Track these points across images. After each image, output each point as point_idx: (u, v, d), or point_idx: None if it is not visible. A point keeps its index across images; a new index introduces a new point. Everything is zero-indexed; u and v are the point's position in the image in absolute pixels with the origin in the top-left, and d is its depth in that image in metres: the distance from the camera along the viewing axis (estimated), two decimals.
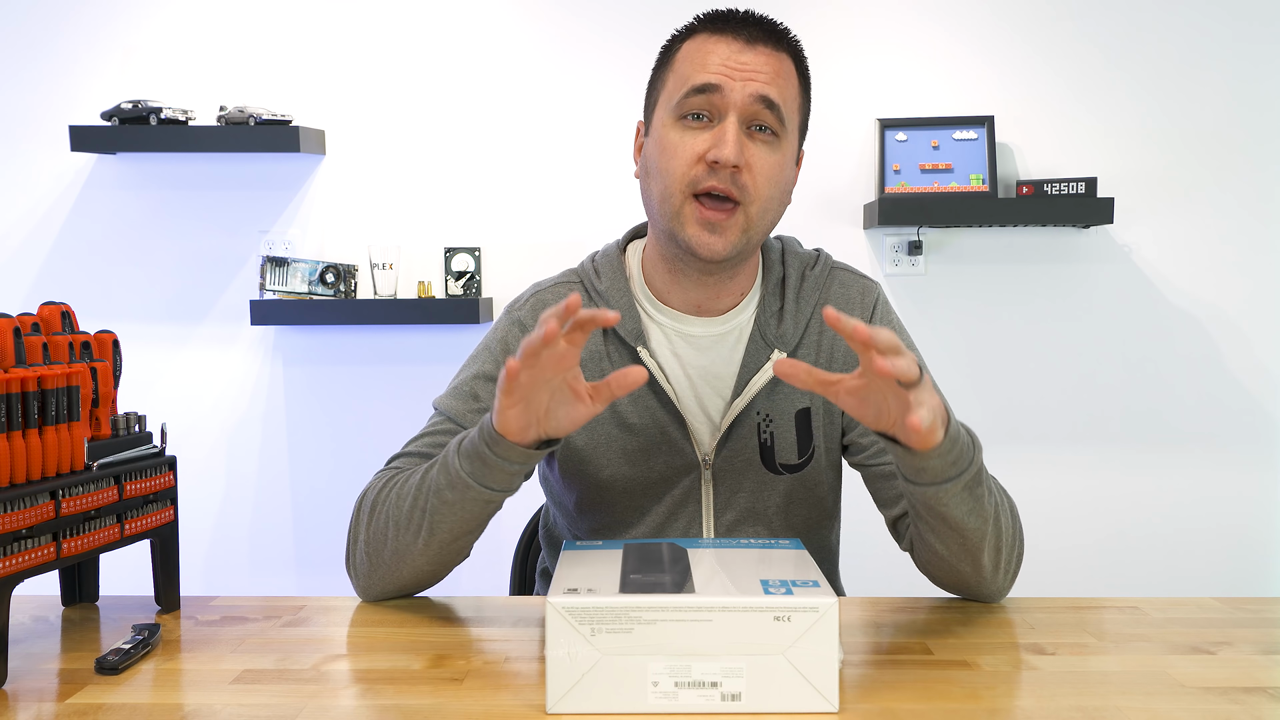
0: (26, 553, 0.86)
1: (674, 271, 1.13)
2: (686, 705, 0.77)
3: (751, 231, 1.06)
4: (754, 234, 1.07)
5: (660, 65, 1.13)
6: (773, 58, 1.06)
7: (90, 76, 2.38)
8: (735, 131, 1.03)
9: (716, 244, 1.05)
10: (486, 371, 1.15)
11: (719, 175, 1.03)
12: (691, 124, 1.05)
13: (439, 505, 0.97)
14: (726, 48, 1.05)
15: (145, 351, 2.41)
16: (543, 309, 1.17)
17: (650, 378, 1.13)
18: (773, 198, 1.07)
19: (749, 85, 1.04)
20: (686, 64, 1.07)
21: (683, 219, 1.06)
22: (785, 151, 1.07)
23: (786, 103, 1.06)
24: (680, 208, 1.06)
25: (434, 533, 0.98)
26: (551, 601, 0.77)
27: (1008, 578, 1.03)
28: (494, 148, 2.37)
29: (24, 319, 0.93)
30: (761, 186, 1.05)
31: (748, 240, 1.07)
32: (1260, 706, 0.79)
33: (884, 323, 1.18)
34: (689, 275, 1.12)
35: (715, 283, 1.13)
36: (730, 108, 1.04)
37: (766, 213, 1.07)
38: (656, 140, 1.08)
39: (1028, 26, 2.32)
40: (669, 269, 1.14)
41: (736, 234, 1.05)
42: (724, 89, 1.03)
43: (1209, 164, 2.33)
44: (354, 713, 0.79)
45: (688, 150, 1.05)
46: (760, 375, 1.13)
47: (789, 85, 1.07)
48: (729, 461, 1.15)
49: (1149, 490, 2.39)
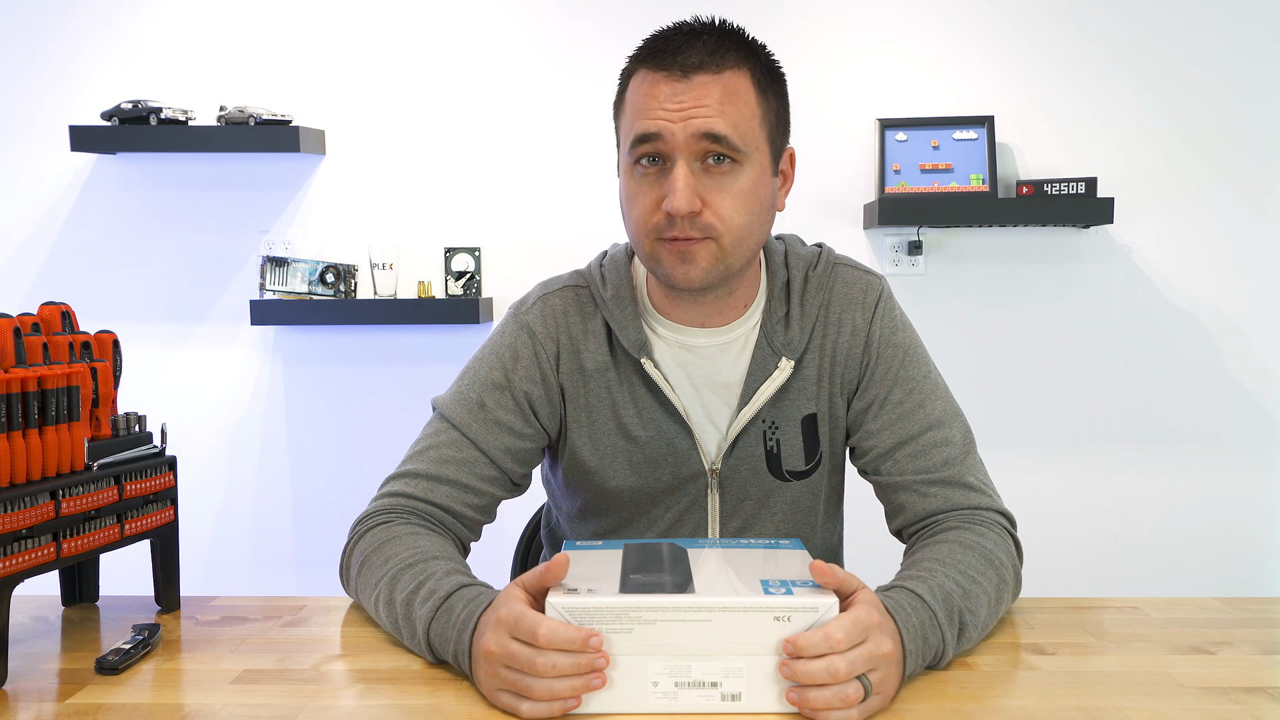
0: (26, 553, 0.86)
1: (670, 295, 1.13)
2: (686, 705, 0.77)
3: (730, 259, 1.04)
4: (733, 260, 1.04)
5: (617, 97, 1.09)
6: (713, 83, 1.00)
7: (90, 76, 2.38)
8: (684, 179, 0.99)
9: (692, 272, 1.03)
10: (494, 379, 1.13)
11: (677, 225, 1.01)
12: (647, 169, 1.03)
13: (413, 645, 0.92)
14: (665, 87, 1.01)
15: (145, 351, 2.41)
16: (551, 314, 1.15)
17: (656, 388, 1.12)
18: (745, 224, 1.03)
19: (690, 125, 0.99)
20: (631, 108, 1.04)
21: (657, 258, 1.05)
22: (751, 172, 1.03)
23: (738, 126, 1.01)
24: (651, 250, 1.05)
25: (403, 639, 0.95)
26: (552, 601, 0.77)
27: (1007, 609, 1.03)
28: (494, 148, 2.37)
29: (24, 319, 0.93)
30: (728, 217, 1.02)
31: (726, 267, 1.04)
32: (1260, 706, 0.79)
33: (884, 324, 1.14)
34: (685, 298, 1.11)
35: (713, 301, 1.11)
36: (676, 151, 1.00)
37: (743, 239, 1.04)
38: (622, 184, 1.07)
39: (1028, 26, 2.32)
40: (665, 293, 1.13)
41: (710, 260, 1.03)
42: (664, 135, 1.00)
43: (1209, 163, 2.33)
44: (354, 713, 0.79)
45: (646, 200, 1.03)
46: (769, 384, 1.11)
47: (739, 105, 1.01)
48: (735, 470, 1.14)
49: (1149, 490, 2.39)
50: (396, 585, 0.94)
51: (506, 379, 1.12)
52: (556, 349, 1.14)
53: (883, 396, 1.12)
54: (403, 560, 0.96)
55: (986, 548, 0.98)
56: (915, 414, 1.10)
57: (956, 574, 0.93)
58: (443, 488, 1.07)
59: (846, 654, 0.76)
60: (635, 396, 1.13)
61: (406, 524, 1.03)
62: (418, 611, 0.90)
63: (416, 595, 0.91)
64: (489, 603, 0.86)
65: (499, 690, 0.79)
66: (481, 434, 1.10)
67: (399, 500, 1.07)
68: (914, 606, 0.86)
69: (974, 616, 0.91)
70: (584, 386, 1.14)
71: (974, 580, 0.93)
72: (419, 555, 0.97)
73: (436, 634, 0.87)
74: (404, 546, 0.98)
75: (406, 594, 0.92)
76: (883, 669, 0.78)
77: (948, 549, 0.97)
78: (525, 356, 1.13)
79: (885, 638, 0.79)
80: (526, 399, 1.12)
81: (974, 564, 0.95)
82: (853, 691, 0.76)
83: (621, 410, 1.13)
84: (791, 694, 0.76)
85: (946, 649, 0.87)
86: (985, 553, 0.98)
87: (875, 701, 0.78)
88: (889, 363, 1.13)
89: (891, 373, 1.13)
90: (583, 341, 1.14)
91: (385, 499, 1.07)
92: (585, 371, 1.14)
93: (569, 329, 1.14)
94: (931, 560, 0.95)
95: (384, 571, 0.96)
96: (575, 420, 1.15)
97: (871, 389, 1.13)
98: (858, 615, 0.78)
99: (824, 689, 0.76)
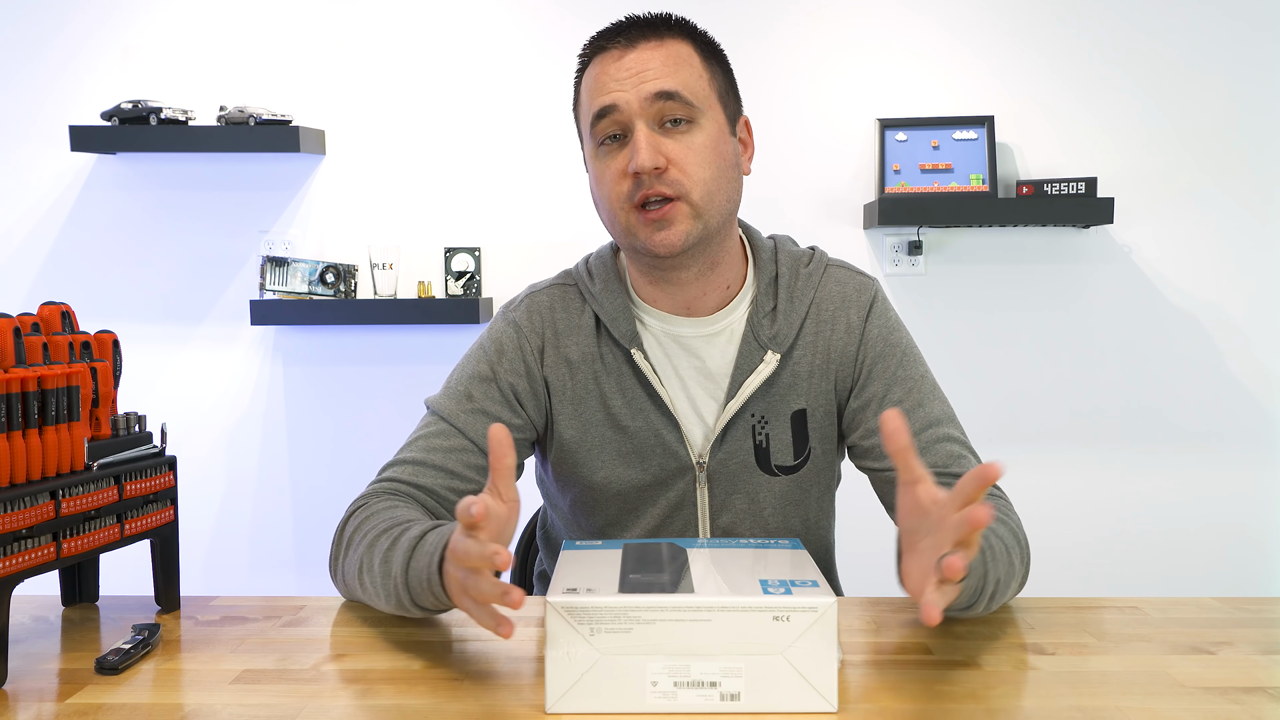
0: (26, 553, 0.86)
1: (654, 281, 1.14)
2: (685, 705, 0.77)
3: (706, 216, 1.06)
4: (709, 217, 1.07)
5: (574, 103, 1.16)
6: (658, 48, 1.06)
7: (90, 76, 2.38)
8: (644, 137, 1.04)
9: (671, 237, 1.05)
10: (481, 372, 1.15)
11: (644, 183, 1.05)
12: (610, 146, 1.08)
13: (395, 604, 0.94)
14: (612, 62, 1.07)
15: (145, 351, 2.41)
16: (537, 310, 1.17)
17: (644, 380, 1.13)
18: (713, 178, 1.06)
19: (642, 89, 1.04)
20: (586, 93, 1.10)
21: (633, 229, 1.07)
22: (709, 129, 1.07)
23: (688, 84, 1.06)
24: (626, 222, 1.07)
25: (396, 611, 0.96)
26: (551, 601, 0.77)
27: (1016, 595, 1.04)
28: (494, 148, 2.37)
29: (24, 319, 0.93)
30: (693, 171, 1.05)
31: (704, 226, 1.07)
32: (1260, 706, 0.79)
33: (880, 323, 1.16)
34: (668, 280, 1.13)
35: (694, 278, 1.12)
36: (633, 117, 1.05)
37: (713, 194, 1.07)
38: (591, 173, 1.12)
39: (1028, 26, 2.32)
40: (648, 279, 1.14)
41: (687, 221, 1.06)
42: (620, 105, 1.05)
43: (1209, 164, 2.33)
44: (354, 713, 0.79)
45: (612, 171, 1.07)
46: (754, 376, 1.12)
47: (685, 66, 1.07)
48: (723, 464, 1.15)
49: (1149, 490, 2.39)
50: (375, 548, 0.96)
51: (492, 371, 1.15)
52: (541, 343, 1.16)
53: (881, 395, 1.13)
54: (379, 528, 0.98)
55: (1013, 525, 1.01)
56: (915, 413, 1.11)
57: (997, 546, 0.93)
58: (429, 472, 1.09)
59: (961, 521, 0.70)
60: (624, 387, 1.14)
61: (385, 500, 1.05)
62: (396, 561, 0.91)
63: (394, 550, 0.93)
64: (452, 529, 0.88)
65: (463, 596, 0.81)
66: (468, 422, 1.12)
67: (383, 485, 1.09)
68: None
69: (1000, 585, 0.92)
70: (570, 379, 1.15)
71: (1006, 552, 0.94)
72: (394, 521, 0.98)
73: (414, 571, 0.89)
74: (383, 519, 1.00)
75: (384, 551, 0.94)
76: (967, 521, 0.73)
77: None
78: (510, 350, 1.15)
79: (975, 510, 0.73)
80: (512, 390, 1.14)
81: (1006, 540, 0.96)
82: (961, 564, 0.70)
83: (610, 400, 1.15)
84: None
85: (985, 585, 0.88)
86: (1013, 531, 1.00)
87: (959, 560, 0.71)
88: (887, 362, 1.14)
89: (890, 371, 1.13)
90: (568, 335, 1.16)
91: (371, 487, 1.09)
92: (571, 363, 1.15)
93: (554, 323, 1.16)
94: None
95: (364, 542, 0.98)
96: (561, 412, 1.16)
97: (869, 388, 1.13)
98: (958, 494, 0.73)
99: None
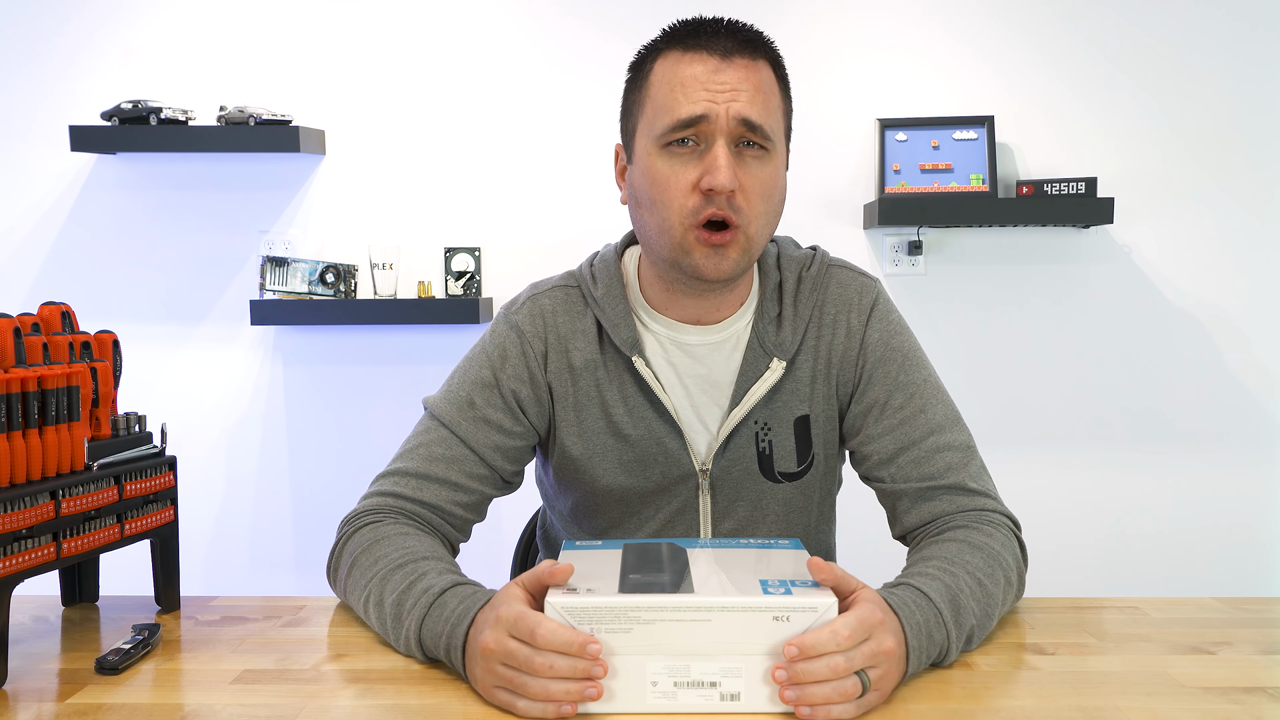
0: (26, 553, 0.86)
1: (671, 290, 1.12)
2: (686, 705, 0.77)
3: (752, 249, 1.05)
4: (754, 250, 1.06)
5: (633, 87, 1.09)
6: (751, 70, 1.03)
7: (90, 76, 2.38)
8: (727, 157, 1.00)
9: (724, 265, 1.04)
10: (483, 378, 1.13)
11: (716, 202, 1.01)
12: (678, 150, 1.03)
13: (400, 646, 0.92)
14: (702, 67, 1.02)
15: (145, 351, 2.41)
16: (540, 314, 1.15)
17: (646, 387, 1.12)
18: (768, 212, 1.05)
19: (733, 107, 1.00)
20: (663, 90, 1.03)
21: (687, 248, 1.04)
22: (775, 163, 1.05)
23: (769, 117, 1.03)
24: (682, 239, 1.04)
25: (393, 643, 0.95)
26: (551, 601, 0.77)
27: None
28: (494, 148, 2.37)
29: (24, 319, 0.93)
30: (756, 204, 1.03)
31: (749, 258, 1.06)
32: (1260, 706, 0.79)
33: (881, 327, 1.14)
34: (688, 294, 1.11)
35: (715, 296, 1.12)
36: (717, 133, 1.01)
37: (765, 228, 1.06)
38: (644, 170, 1.05)
39: (1028, 27, 2.32)
40: (665, 287, 1.13)
41: (738, 253, 1.04)
42: (710, 116, 1.00)
43: (1209, 164, 2.33)
44: (354, 713, 0.79)
45: (681, 181, 1.02)
46: (759, 384, 1.11)
47: (771, 97, 1.04)
48: (727, 471, 1.14)
49: (1149, 490, 2.39)
50: (387, 586, 0.94)
51: (495, 378, 1.13)
52: (544, 348, 1.14)
53: (882, 401, 1.11)
54: (393, 561, 0.96)
55: (994, 548, 0.98)
56: (916, 419, 1.10)
57: (964, 573, 0.93)
58: (432, 486, 1.08)
59: (848, 651, 0.76)
60: (625, 395, 1.13)
61: (396, 524, 1.03)
62: (409, 610, 0.90)
63: (408, 595, 0.91)
64: (485, 600, 0.86)
65: (496, 688, 0.79)
66: (471, 432, 1.10)
67: (388, 500, 1.07)
68: (919, 604, 0.86)
69: (980, 617, 0.91)
70: (573, 385, 1.14)
71: (980, 582, 0.93)
72: (409, 555, 0.96)
73: (429, 630, 0.87)
74: (394, 547, 0.98)
75: (397, 594, 0.92)
76: (883, 666, 0.78)
77: (955, 548, 0.97)
78: (513, 355, 1.13)
79: (888, 635, 0.79)
80: (515, 397, 1.13)
81: (981, 564, 0.95)
82: (851, 686, 0.76)
83: (611, 408, 1.13)
84: (788, 692, 0.76)
85: (951, 647, 0.87)
86: (993, 553, 0.97)
87: (873, 698, 0.78)
88: (888, 367, 1.12)
89: (890, 377, 1.12)
90: (571, 340, 1.14)
91: (374, 498, 1.08)
92: (574, 369, 1.14)
93: (558, 328, 1.14)
94: (939, 559, 0.95)
95: (374, 572, 0.96)
96: (564, 419, 1.14)
97: (870, 393, 1.12)
98: (861, 613, 0.78)
99: (823, 685, 0.76)
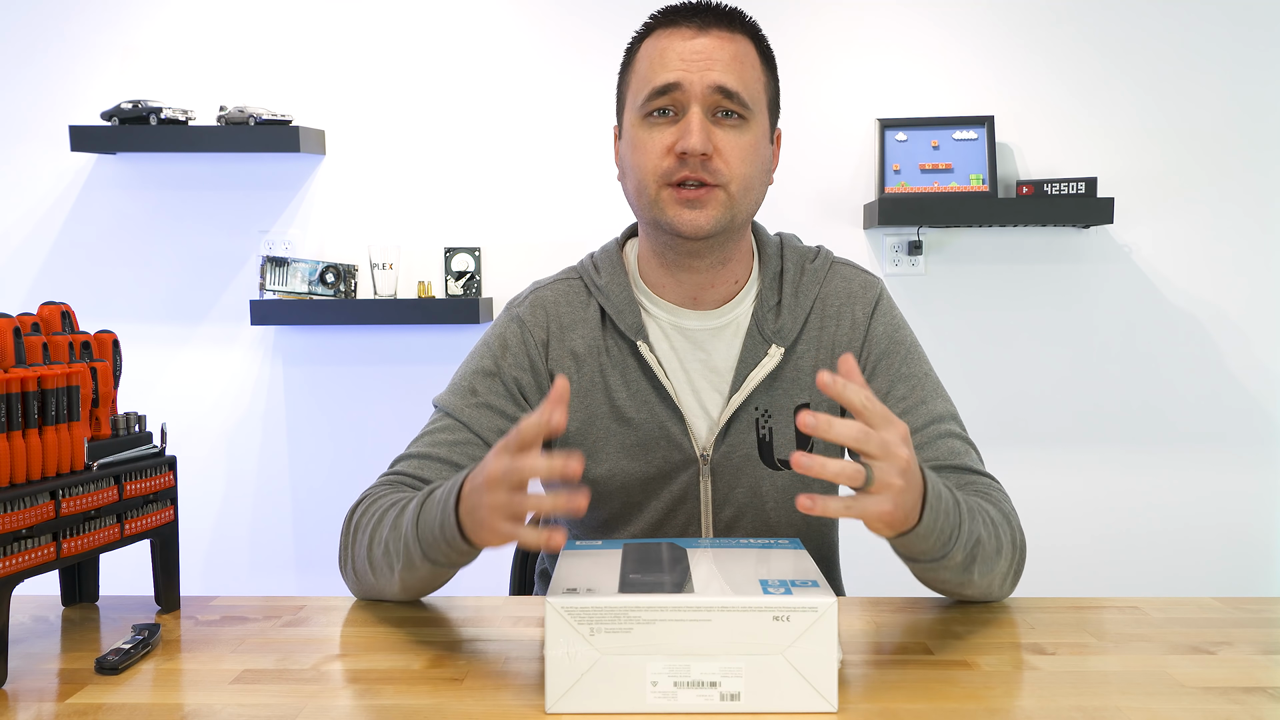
0: (26, 553, 0.86)
1: (665, 264, 1.15)
2: (685, 705, 0.77)
3: (735, 209, 1.08)
4: (738, 211, 1.08)
5: (624, 68, 1.15)
6: (728, 41, 1.07)
7: (90, 76, 2.38)
8: (699, 121, 1.05)
9: (700, 218, 1.06)
10: (485, 367, 1.16)
11: (689, 165, 1.05)
12: (658, 120, 1.08)
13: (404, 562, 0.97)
14: (680, 39, 1.07)
15: (145, 351, 2.41)
16: (541, 305, 1.18)
17: (649, 372, 1.14)
18: (751, 175, 1.08)
19: (707, 75, 1.05)
20: (645, 64, 1.09)
21: (661, 204, 1.08)
22: (755, 132, 1.08)
23: (748, 86, 1.07)
24: (656, 195, 1.08)
25: (405, 582, 1.00)
26: (551, 601, 0.77)
27: (1010, 586, 1.04)
28: (494, 148, 2.37)
29: (24, 319, 0.93)
30: (736, 166, 1.06)
31: (732, 216, 1.08)
32: (1260, 706, 0.79)
33: (885, 320, 1.17)
34: (680, 265, 1.13)
35: (707, 268, 1.13)
36: (692, 99, 1.05)
37: (748, 190, 1.08)
38: (628, 140, 1.11)
39: (1028, 26, 2.32)
40: (660, 262, 1.15)
41: (719, 209, 1.07)
42: (683, 85, 1.05)
43: (1208, 164, 2.33)
44: (354, 713, 0.79)
45: (657, 144, 1.07)
46: (758, 370, 1.13)
47: (748, 67, 1.08)
48: (727, 457, 1.15)
49: (1149, 490, 2.39)
50: (383, 522, 0.99)
51: (496, 366, 1.16)
52: (545, 336, 1.17)
53: (884, 392, 1.13)
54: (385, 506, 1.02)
55: (1005, 510, 1.03)
56: (919, 409, 1.12)
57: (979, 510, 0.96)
58: (433, 465, 1.10)
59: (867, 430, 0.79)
60: (628, 379, 1.15)
61: (397, 492, 1.07)
62: (405, 521, 0.95)
63: (403, 514, 0.97)
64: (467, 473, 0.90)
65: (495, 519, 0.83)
66: (473, 416, 1.13)
67: (388, 478, 1.11)
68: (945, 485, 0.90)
69: (983, 548, 0.94)
70: (576, 371, 1.16)
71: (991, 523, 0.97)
72: (402, 498, 1.01)
73: (425, 520, 0.92)
74: (389, 500, 1.03)
75: (393, 520, 0.98)
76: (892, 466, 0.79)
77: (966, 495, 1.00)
78: (514, 345, 1.16)
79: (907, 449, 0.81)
80: (516, 385, 1.15)
81: (992, 514, 0.99)
82: (854, 471, 0.78)
83: (615, 393, 1.15)
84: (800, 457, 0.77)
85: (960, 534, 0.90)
86: (1004, 513, 1.02)
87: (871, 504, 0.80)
88: (891, 359, 1.15)
89: (894, 369, 1.14)
90: (573, 328, 1.16)
91: (377, 481, 1.11)
92: (577, 356, 1.16)
93: (559, 317, 1.17)
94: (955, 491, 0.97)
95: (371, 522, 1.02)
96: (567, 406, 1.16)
97: (872, 384, 1.14)
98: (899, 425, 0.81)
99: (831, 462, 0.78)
